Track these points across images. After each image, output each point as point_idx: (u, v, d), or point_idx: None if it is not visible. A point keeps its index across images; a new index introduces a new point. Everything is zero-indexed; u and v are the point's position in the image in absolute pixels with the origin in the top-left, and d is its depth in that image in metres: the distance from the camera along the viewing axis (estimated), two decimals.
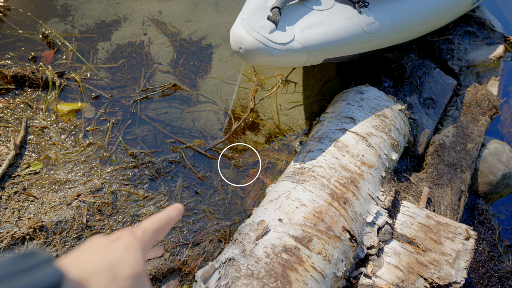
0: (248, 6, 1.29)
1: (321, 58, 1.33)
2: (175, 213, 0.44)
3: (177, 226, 1.43)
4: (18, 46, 1.72)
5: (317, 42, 1.26)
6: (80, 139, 1.55)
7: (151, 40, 1.92)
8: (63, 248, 1.29)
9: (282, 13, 1.26)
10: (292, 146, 1.75)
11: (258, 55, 1.17)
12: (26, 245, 1.27)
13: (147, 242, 0.38)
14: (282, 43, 1.18)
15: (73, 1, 1.94)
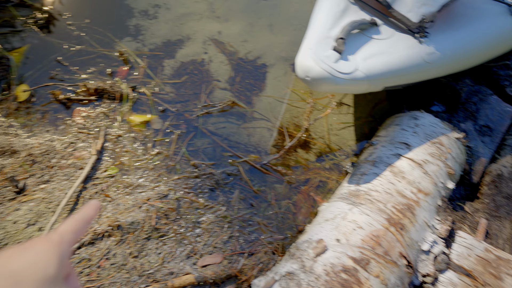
0: (312, 35, 1.39)
1: (381, 86, 1.40)
2: (92, 212, 0.44)
3: (234, 235, 1.54)
4: (98, 62, 1.94)
5: (379, 72, 1.33)
6: (149, 148, 1.72)
7: (211, 58, 2.08)
8: (135, 246, 1.44)
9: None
10: (342, 166, 1.81)
11: (324, 84, 1.26)
12: (105, 241, 1.44)
13: (66, 243, 0.37)
14: (347, 73, 1.26)
15: (143, 22, 2.14)
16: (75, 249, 1.40)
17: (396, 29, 1.49)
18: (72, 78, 1.87)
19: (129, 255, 1.43)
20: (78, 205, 1.52)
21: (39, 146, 1.64)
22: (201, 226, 1.55)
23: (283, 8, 2.35)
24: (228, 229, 1.56)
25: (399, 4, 1.45)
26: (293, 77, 2.07)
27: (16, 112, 1.74)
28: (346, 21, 1.43)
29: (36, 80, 1.83)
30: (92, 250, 1.41)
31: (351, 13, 1.48)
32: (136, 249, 1.44)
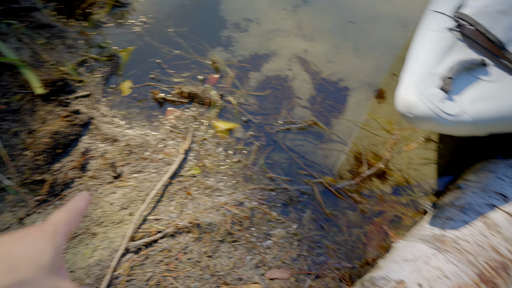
0: (416, 70, 1.36)
1: (486, 131, 1.33)
2: (82, 203, 0.44)
3: (302, 254, 1.56)
4: (192, 68, 2.10)
5: (487, 117, 1.27)
6: (230, 155, 1.81)
7: (295, 75, 2.13)
8: (210, 246, 1.53)
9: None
10: (420, 204, 1.74)
11: (427, 123, 1.23)
12: (184, 236, 1.55)
13: (59, 233, 0.37)
14: (453, 115, 1.22)
15: (235, 34, 2.27)
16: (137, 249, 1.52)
17: (507, 71, 1.41)
18: (168, 80, 2.04)
19: (204, 253, 1.52)
20: (164, 197, 1.65)
21: (135, 138, 1.82)
22: (272, 238, 1.59)
23: (371, 32, 2.33)
24: (297, 247, 1.59)
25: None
26: (375, 104, 2.05)
27: (119, 105, 1.95)
28: (453, 59, 1.38)
29: (138, 78, 2.03)
30: (173, 242, 1.53)
31: (458, 50, 1.43)
32: (211, 249, 1.52)
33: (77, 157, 1.74)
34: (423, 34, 1.51)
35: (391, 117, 2.00)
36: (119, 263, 1.45)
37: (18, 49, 2.03)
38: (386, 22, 2.37)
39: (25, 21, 2.16)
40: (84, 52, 2.10)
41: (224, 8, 2.37)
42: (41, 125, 1.81)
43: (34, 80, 1.89)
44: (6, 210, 1.57)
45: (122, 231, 1.53)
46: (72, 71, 2.00)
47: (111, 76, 2.02)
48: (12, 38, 2.07)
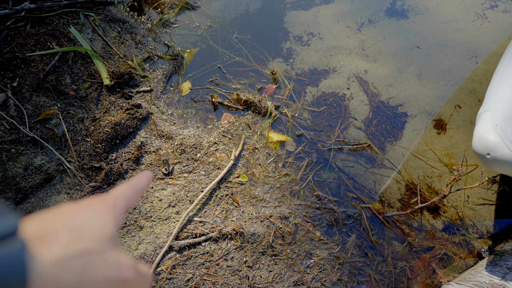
0: (498, 109, 1.29)
1: None
2: (144, 181, 0.43)
3: (342, 279, 1.52)
4: (251, 76, 2.13)
5: None
6: (279, 168, 1.80)
7: (352, 95, 2.09)
8: (251, 257, 1.53)
9: None
10: (473, 245, 1.63)
11: (508, 167, 1.15)
12: (227, 243, 1.56)
13: (119, 207, 0.37)
14: None
15: (296, 47, 2.28)
16: None
17: None
18: (226, 85, 2.08)
19: (244, 263, 1.52)
20: (211, 200, 1.68)
21: (189, 138, 1.87)
22: (313, 258, 1.56)
23: (436, 59, 2.25)
24: (338, 270, 1.54)
25: None
26: (433, 134, 1.96)
27: (177, 104, 2.02)
28: None
29: (198, 80, 2.10)
30: (215, 247, 1.54)
31: None
32: (252, 260, 1.52)
33: (133, 150, 1.81)
34: (506, 71, 1.42)
35: (450, 150, 1.90)
36: (162, 260, 1.49)
37: (92, 40, 2.17)
38: (454, 51, 2.27)
39: (101, 14, 2.31)
40: (151, 49, 2.21)
41: (288, 20, 2.39)
42: (104, 114, 1.91)
43: (103, 71, 2.00)
44: (63, 191, 1.66)
45: (168, 228, 1.57)
46: (138, 66, 2.10)
47: (172, 75, 2.10)
48: (88, 29, 2.22)
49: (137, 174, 0.44)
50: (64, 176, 1.70)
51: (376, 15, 2.46)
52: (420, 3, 2.54)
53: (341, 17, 2.44)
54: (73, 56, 2.07)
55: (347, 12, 2.47)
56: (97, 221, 0.33)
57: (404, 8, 2.51)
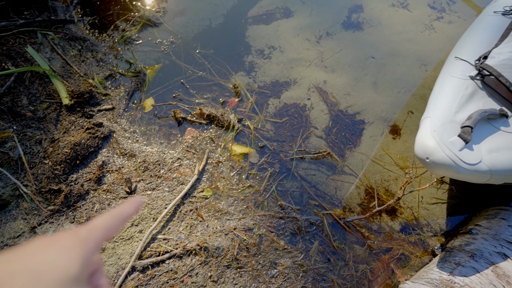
0: (436, 116, 1.39)
1: (501, 181, 1.33)
2: (131, 208, 0.40)
3: (307, 286, 1.56)
4: (214, 90, 2.17)
5: (504, 168, 1.27)
6: (243, 180, 1.84)
7: (313, 105, 2.17)
8: (216, 271, 1.54)
9: None
10: (428, 244, 1.73)
11: (444, 170, 1.24)
12: (191, 258, 1.56)
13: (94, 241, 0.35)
14: (470, 164, 1.23)
15: (258, 60, 2.34)
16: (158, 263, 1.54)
17: None
18: (189, 100, 2.11)
19: (209, 278, 1.53)
20: (175, 217, 1.68)
21: (152, 155, 1.87)
22: (278, 268, 1.59)
23: (390, 68, 2.38)
24: (302, 278, 1.58)
25: None
26: (389, 139, 2.07)
27: (140, 121, 2.02)
28: (473, 107, 1.41)
29: (161, 96, 2.11)
30: (179, 264, 1.54)
31: (478, 99, 1.46)
32: (217, 274, 1.53)
33: (95, 170, 1.79)
34: (445, 80, 1.54)
35: (404, 154, 2.01)
36: (125, 281, 1.47)
37: (51, 59, 2.14)
38: (406, 60, 2.42)
39: (60, 33, 2.28)
40: (112, 66, 2.20)
41: (250, 34, 2.46)
42: (64, 135, 1.88)
43: (62, 90, 1.98)
44: (19, 217, 1.61)
45: (131, 248, 1.56)
46: (99, 84, 2.08)
47: (135, 92, 2.10)
48: (47, 48, 2.18)
49: (127, 200, 0.41)
50: (21, 201, 1.65)
51: (334, 28, 2.58)
52: (373, 16, 2.69)
53: (300, 30, 2.54)
54: (30, 76, 2.02)
55: (306, 25, 2.57)
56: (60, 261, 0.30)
57: (359, 21, 2.65)
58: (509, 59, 1.45)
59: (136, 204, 0.41)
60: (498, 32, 1.68)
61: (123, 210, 0.40)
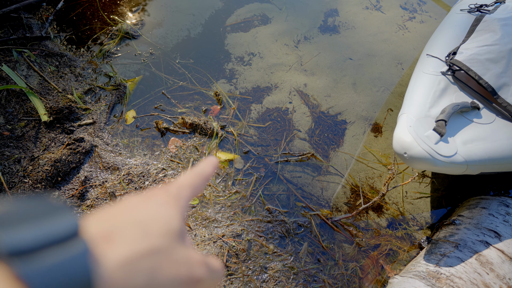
0: (412, 112, 1.43)
1: (478, 171, 1.37)
2: (210, 168, 0.40)
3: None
4: (196, 99, 2.17)
5: (479, 158, 1.32)
6: (229, 186, 1.84)
7: (295, 108, 2.20)
8: None
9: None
10: (415, 238, 1.76)
11: (422, 164, 1.28)
12: None
13: (183, 197, 0.34)
14: (446, 156, 1.27)
15: (238, 67, 2.37)
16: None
17: (497, 114, 1.48)
18: (171, 110, 2.10)
19: None
20: None
21: (136, 167, 1.85)
22: (268, 272, 1.59)
23: (367, 68, 2.44)
24: (293, 280, 1.58)
25: (506, 92, 1.44)
26: (371, 138, 2.11)
27: (122, 133, 2.00)
28: (446, 101, 1.46)
29: (143, 108, 2.10)
30: None
31: (451, 93, 1.51)
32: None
33: (77, 186, 1.76)
34: (418, 77, 1.59)
35: (387, 151, 2.05)
36: None
37: (27, 77, 2.11)
38: (382, 60, 2.49)
39: (37, 50, 2.25)
40: (92, 81, 2.18)
41: (229, 42, 2.49)
42: (43, 152, 1.84)
43: (40, 107, 1.94)
44: None
45: None
46: (78, 99, 2.06)
47: (116, 105, 2.08)
48: (23, 65, 2.15)
49: (202, 161, 0.40)
50: None
51: (311, 32, 2.63)
52: (349, 19, 2.77)
53: (278, 36, 2.58)
54: (7, 95, 1.99)
55: (284, 31, 2.62)
56: (162, 215, 0.30)
57: (335, 24, 2.71)
58: (476, 53, 1.51)
59: (213, 164, 0.41)
60: (464, 29, 1.75)
61: (203, 169, 0.39)
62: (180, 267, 0.28)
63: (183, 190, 0.35)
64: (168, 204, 0.31)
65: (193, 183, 0.37)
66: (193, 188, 0.36)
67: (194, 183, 0.37)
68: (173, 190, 0.34)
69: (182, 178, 0.37)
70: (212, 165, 0.40)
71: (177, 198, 0.33)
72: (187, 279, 0.28)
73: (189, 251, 0.30)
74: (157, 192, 0.33)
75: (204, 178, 0.38)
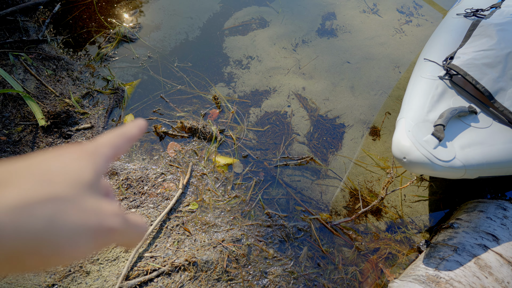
0: (410, 116, 1.44)
1: (476, 175, 1.39)
2: (135, 129, 0.38)
3: None
4: (194, 102, 2.17)
5: (477, 162, 1.33)
6: (229, 190, 1.83)
7: (293, 112, 2.21)
8: (206, 285, 1.52)
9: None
10: (414, 241, 1.77)
11: (421, 168, 1.29)
12: (180, 275, 1.53)
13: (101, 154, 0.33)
14: (445, 161, 1.28)
15: (237, 71, 2.37)
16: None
17: (494, 118, 1.50)
18: (170, 114, 2.10)
19: None
20: (161, 233, 1.65)
21: (135, 172, 1.84)
22: (268, 277, 1.59)
23: (365, 72, 2.45)
24: (294, 285, 1.58)
25: (502, 96, 1.46)
26: (369, 141, 2.12)
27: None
28: (444, 105, 1.47)
29: (141, 111, 2.09)
30: (168, 281, 1.51)
31: (448, 97, 1.52)
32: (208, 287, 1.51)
33: None
34: (416, 81, 1.60)
35: (385, 154, 2.06)
36: None
37: (24, 81, 2.09)
38: (380, 63, 2.50)
39: (33, 53, 2.24)
40: (89, 84, 2.17)
41: (227, 45, 2.49)
42: None
43: (37, 112, 1.93)
44: None
45: (117, 269, 1.52)
46: (76, 103, 2.05)
47: (114, 109, 2.07)
48: (19, 69, 2.13)
49: (128, 123, 0.39)
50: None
51: (309, 36, 2.64)
52: (346, 22, 2.78)
53: (277, 39, 2.59)
54: (3, 99, 1.97)
55: (282, 34, 2.63)
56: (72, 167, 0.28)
57: (333, 27, 2.73)
58: (473, 58, 1.52)
59: (140, 126, 0.39)
60: (461, 34, 1.77)
61: (127, 130, 0.37)
62: (88, 215, 0.27)
63: (101, 147, 0.34)
64: (81, 159, 0.30)
65: (115, 142, 0.35)
66: (114, 147, 0.35)
67: (116, 142, 0.35)
68: (89, 147, 0.33)
69: (101, 137, 0.35)
70: (138, 127, 0.39)
71: (93, 154, 0.32)
72: (96, 227, 0.27)
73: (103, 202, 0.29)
74: (70, 148, 0.31)
75: (128, 139, 0.37)
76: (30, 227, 0.23)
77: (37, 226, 0.23)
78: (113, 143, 0.35)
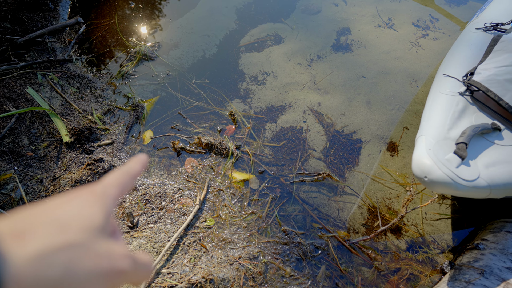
0: (431, 134, 1.41)
1: (502, 195, 1.34)
2: (138, 166, 0.40)
3: None
4: (211, 118, 2.20)
5: (503, 182, 1.28)
6: (245, 207, 1.83)
7: (309, 127, 2.21)
8: None
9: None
10: (437, 262, 1.70)
11: (443, 188, 1.25)
12: None
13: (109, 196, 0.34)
14: (469, 180, 1.24)
15: (253, 87, 2.40)
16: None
17: None
18: (187, 130, 2.14)
19: None
20: (178, 249, 1.66)
21: (153, 188, 1.87)
22: None
23: (382, 86, 2.44)
24: None
25: None
26: (387, 157, 2.08)
27: (139, 153, 2.03)
28: (466, 122, 1.44)
29: (159, 128, 2.14)
30: None
31: (470, 114, 1.49)
32: None
33: None
34: (436, 97, 1.58)
35: (403, 170, 2.02)
36: None
37: (50, 98, 2.19)
38: (396, 78, 2.48)
39: (59, 72, 2.35)
40: (111, 101, 2.25)
41: (243, 62, 2.53)
42: (64, 172, 1.89)
43: (62, 128, 2.01)
44: None
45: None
46: (98, 120, 2.12)
47: (134, 125, 2.14)
48: (46, 88, 2.24)
49: (131, 159, 0.41)
50: None
51: (324, 51, 2.66)
52: (361, 37, 2.79)
53: (292, 55, 2.62)
54: (31, 117, 2.06)
55: (297, 50, 2.65)
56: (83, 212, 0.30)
57: (348, 42, 2.74)
58: (495, 74, 1.49)
59: (142, 162, 0.41)
60: (481, 49, 1.74)
61: (131, 168, 0.39)
62: (101, 260, 0.28)
63: (109, 188, 0.35)
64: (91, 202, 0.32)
65: (120, 181, 0.37)
66: (120, 186, 0.36)
67: (121, 181, 0.37)
68: (98, 189, 0.34)
69: (109, 176, 0.37)
70: (140, 163, 0.41)
71: (102, 196, 0.33)
72: (108, 270, 0.28)
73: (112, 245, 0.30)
74: (81, 192, 0.33)
75: (132, 176, 0.39)
76: (49, 276, 0.24)
77: (55, 274, 0.25)
78: (119, 182, 0.37)
